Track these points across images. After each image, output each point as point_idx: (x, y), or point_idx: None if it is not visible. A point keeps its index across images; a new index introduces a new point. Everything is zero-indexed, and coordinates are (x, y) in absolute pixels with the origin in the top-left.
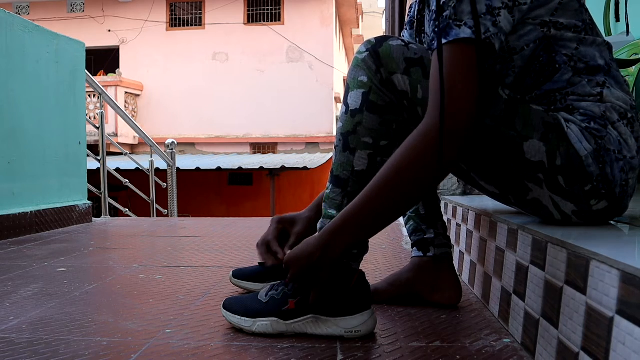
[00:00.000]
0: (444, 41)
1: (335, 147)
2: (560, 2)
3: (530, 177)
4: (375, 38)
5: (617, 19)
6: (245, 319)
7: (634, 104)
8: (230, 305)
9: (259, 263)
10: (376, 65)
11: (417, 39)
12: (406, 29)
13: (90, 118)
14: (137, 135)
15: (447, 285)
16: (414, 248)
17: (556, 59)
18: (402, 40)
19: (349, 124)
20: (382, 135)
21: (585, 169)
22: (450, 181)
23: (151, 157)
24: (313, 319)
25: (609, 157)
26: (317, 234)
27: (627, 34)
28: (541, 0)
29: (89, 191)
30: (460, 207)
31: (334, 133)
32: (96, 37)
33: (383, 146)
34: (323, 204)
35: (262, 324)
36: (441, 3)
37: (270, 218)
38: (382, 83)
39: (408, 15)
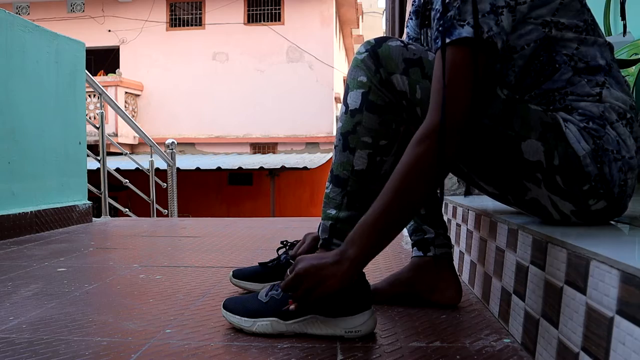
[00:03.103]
0: (447, 40)
1: (335, 147)
2: (562, 2)
3: (529, 176)
4: (375, 39)
5: (622, 17)
6: (245, 319)
7: (634, 104)
8: (230, 305)
9: (259, 263)
10: (375, 66)
11: (422, 31)
12: (411, 19)
13: (90, 118)
14: (137, 135)
15: (448, 285)
16: (414, 248)
17: (556, 59)
18: (401, 41)
19: (349, 124)
20: (382, 135)
21: (583, 169)
22: (450, 181)
23: (151, 157)
24: (313, 319)
25: (607, 157)
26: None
27: (624, 34)
28: (541, 0)
29: (89, 191)
30: (460, 207)
31: (334, 133)
32: (96, 37)
33: (382, 146)
34: (323, 203)
35: (262, 324)
36: (446, 3)
37: (270, 218)
38: (381, 83)
39: (413, 4)
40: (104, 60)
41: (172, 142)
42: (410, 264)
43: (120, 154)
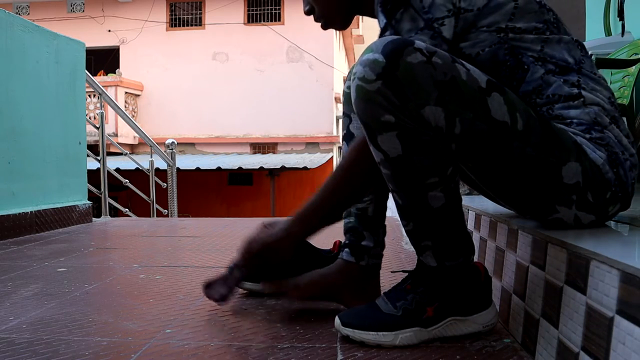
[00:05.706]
0: None
1: (392, 192)
2: (516, 6)
3: (563, 200)
4: (383, 51)
5: (620, 18)
6: (384, 333)
7: (614, 99)
8: (354, 322)
9: None
10: (400, 100)
11: None
12: None
13: (90, 118)
14: (137, 135)
15: (372, 294)
16: (346, 249)
17: (523, 60)
18: (420, 51)
19: (402, 173)
20: (446, 165)
21: (604, 177)
22: None
23: (151, 157)
24: (452, 321)
25: (619, 160)
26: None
27: (622, 34)
28: (491, 8)
29: (89, 191)
30: None
31: (334, 133)
32: (96, 37)
33: (450, 174)
34: (412, 237)
35: (405, 335)
36: (383, 25)
37: (270, 218)
38: (413, 119)
39: None
40: (104, 60)
41: (172, 142)
42: (338, 266)
43: (120, 154)
